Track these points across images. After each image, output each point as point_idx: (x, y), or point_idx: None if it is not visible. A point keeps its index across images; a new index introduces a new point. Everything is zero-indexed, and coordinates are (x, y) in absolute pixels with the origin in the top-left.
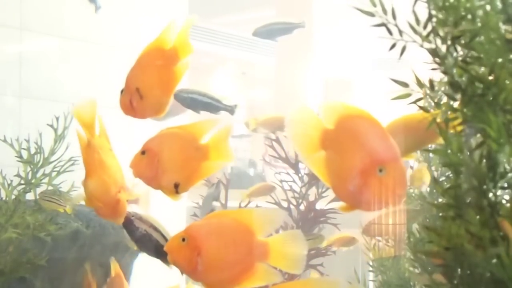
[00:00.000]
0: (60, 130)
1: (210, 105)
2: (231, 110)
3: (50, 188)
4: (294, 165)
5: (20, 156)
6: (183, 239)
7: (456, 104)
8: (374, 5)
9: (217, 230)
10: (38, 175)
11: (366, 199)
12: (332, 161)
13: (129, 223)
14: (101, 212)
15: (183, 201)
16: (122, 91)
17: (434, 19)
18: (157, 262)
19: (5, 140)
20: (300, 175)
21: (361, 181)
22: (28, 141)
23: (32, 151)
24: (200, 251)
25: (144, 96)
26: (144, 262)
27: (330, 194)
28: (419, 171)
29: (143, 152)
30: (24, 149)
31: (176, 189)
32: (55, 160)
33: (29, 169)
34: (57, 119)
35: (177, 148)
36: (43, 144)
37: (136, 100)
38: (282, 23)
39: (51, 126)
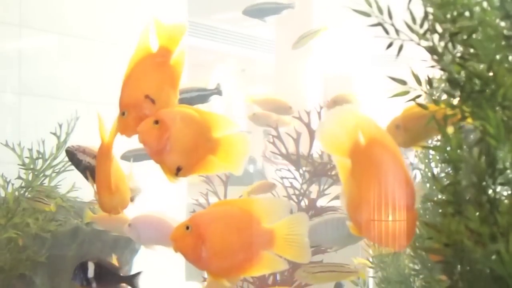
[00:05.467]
0: (63, 132)
1: (198, 97)
2: (218, 91)
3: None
4: (295, 162)
5: (23, 164)
6: (187, 228)
7: (455, 101)
8: (370, 5)
9: (221, 219)
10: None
11: (371, 236)
12: (352, 177)
13: (72, 156)
14: (113, 212)
15: (183, 198)
16: (123, 113)
17: (430, 17)
18: (157, 259)
19: (6, 144)
20: (300, 171)
21: (370, 218)
22: (30, 149)
23: (34, 152)
24: (204, 239)
25: (156, 99)
26: (143, 259)
27: (332, 191)
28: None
29: (156, 122)
30: (27, 157)
31: (177, 171)
32: (56, 164)
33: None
34: (60, 126)
35: (190, 132)
36: (45, 140)
37: (149, 107)
38: (271, 3)
39: (54, 134)
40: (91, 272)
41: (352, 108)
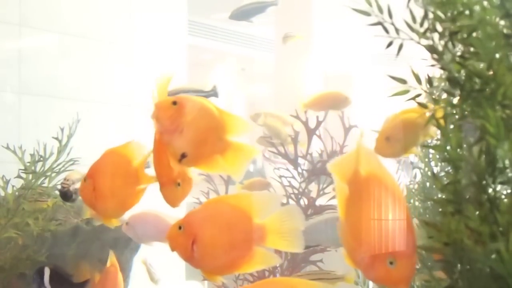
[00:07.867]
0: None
1: None
2: (214, 93)
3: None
4: (293, 161)
5: (25, 168)
6: (180, 227)
7: (455, 100)
8: (370, 4)
9: (212, 217)
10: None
11: (366, 275)
12: (349, 208)
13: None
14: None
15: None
16: (179, 184)
17: (430, 16)
18: (156, 258)
19: (8, 147)
20: (299, 170)
21: (369, 262)
22: (32, 154)
23: (34, 154)
24: (195, 238)
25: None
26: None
27: (331, 190)
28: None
29: (174, 103)
30: (28, 162)
31: (181, 158)
32: (56, 166)
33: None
34: (62, 130)
35: (205, 125)
36: (46, 142)
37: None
38: (254, 3)
39: (56, 138)
40: (46, 277)
41: (358, 139)
